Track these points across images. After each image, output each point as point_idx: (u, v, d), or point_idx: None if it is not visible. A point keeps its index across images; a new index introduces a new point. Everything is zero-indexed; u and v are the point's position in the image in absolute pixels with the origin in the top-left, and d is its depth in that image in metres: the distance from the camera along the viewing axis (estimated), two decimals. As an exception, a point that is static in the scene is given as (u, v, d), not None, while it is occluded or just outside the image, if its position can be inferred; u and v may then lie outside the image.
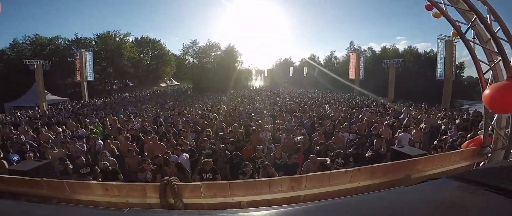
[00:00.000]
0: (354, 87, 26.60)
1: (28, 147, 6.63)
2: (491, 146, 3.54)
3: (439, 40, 17.77)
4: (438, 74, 18.20)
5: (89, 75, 24.63)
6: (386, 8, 68.39)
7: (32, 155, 5.90)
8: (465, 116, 10.09)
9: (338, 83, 31.89)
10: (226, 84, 31.13)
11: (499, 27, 3.08)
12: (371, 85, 25.51)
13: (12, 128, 9.50)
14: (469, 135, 5.72)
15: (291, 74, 45.90)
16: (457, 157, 3.29)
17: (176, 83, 44.75)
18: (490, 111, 3.42)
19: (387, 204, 1.33)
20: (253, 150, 5.93)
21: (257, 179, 3.20)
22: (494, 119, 3.65)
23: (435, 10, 3.30)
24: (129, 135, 7.16)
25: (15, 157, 5.94)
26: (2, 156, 5.66)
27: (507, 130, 3.62)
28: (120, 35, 37.16)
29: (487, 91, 2.90)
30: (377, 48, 39.80)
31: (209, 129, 7.81)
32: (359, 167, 2.92)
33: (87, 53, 24.68)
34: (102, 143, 7.11)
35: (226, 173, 5.47)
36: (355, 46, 37.43)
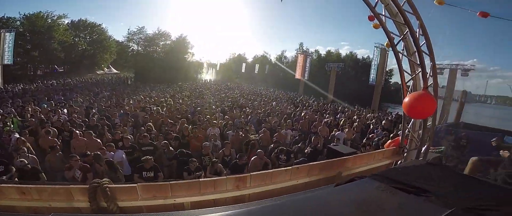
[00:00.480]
0: (299, 87, 28.40)
1: None
2: (407, 146, 4.15)
3: (375, 48, 20.02)
4: (371, 79, 20.51)
5: (7, 58, 21.25)
6: (335, 14, 74.71)
7: None
8: (389, 118, 11.63)
9: (286, 81, 33.48)
10: (174, 75, 29.77)
11: (424, 42, 3.61)
12: (315, 85, 27.52)
13: None
14: (391, 135, 6.60)
15: (243, 70, 46.13)
16: (380, 156, 3.78)
17: (115, 71, 40.63)
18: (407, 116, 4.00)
19: (319, 204, 1.46)
20: (199, 147, 5.77)
21: (201, 179, 3.14)
22: (410, 123, 4.28)
23: (375, 21, 3.71)
24: (51, 129, 6.21)
25: None
26: None
27: (420, 131, 4.29)
28: (53, 16, 32.38)
29: (406, 99, 3.37)
30: (323, 51, 42.89)
31: (150, 124, 7.30)
32: (297, 166, 3.11)
33: (7, 33, 21.43)
34: (17, 136, 6.02)
35: (173, 170, 5.22)
36: (304, 48, 39.55)
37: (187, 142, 6.30)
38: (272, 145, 6.24)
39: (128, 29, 42.20)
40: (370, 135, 8.04)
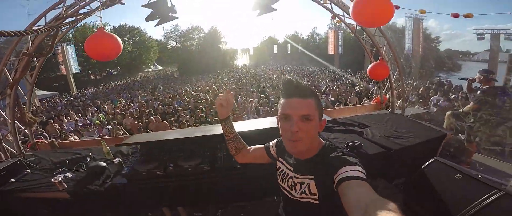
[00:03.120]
0: (335, 62, 28.29)
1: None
2: (388, 102, 4.81)
3: (407, 18, 19.13)
4: (407, 48, 19.65)
5: (74, 68, 24.33)
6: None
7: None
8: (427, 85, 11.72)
9: (321, 58, 33.18)
10: (212, 64, 31.80)
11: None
12: (350, 59, 27.08)
13: None
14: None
15: (275, 51, 46.52)
16: (363, 110, 4.66)
17: (160, 67, 44.67)
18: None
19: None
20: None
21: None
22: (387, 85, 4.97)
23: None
24: (135, 116, 8.21)
25: None
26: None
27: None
28: (97, 25, 35.74)
29: (369, 67, 4.16)
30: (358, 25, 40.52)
31: (201, 107, 8.96)
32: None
33: (68, 46, 24.04)
34: (110, 127, 8.06)
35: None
36: (336, 23, 37.99)
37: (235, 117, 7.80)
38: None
39: (163, 28, 45.25)
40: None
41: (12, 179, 2.51)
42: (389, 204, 0.61)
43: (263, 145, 1.39)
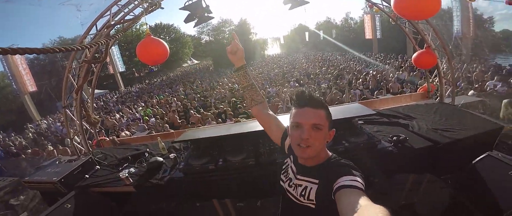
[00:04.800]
0: (373, 47, 26.55)
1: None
2: (436, 91, 4.36)
3: None
4: (456, 31, 17.61)
5: (120, 66, 26.12)
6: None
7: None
8: (482, 68, 10.46)
9: (358, 43, 31.34)
10: (245, 56, 32.01)
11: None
12: (390, 43, 25.16)
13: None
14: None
15: (307, 39, 45.16)
16: (408, 99, 4.42)
17: (196, 62, 46.34)
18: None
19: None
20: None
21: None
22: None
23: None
24: (175, 109, 8.82)
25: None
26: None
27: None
28: (136, 26, 37.92)
29: (413, 55, 3.69)
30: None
31: (233, 99, 9.25)
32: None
33: (113, 47, 24.89)
34: (154, 120, 8.78)
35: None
36: (375, 11, 35.26)
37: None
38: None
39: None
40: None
41: (86, 175, 2.86)
42: (381, 209, 0.66)
43: (284, 127, 1.38)
